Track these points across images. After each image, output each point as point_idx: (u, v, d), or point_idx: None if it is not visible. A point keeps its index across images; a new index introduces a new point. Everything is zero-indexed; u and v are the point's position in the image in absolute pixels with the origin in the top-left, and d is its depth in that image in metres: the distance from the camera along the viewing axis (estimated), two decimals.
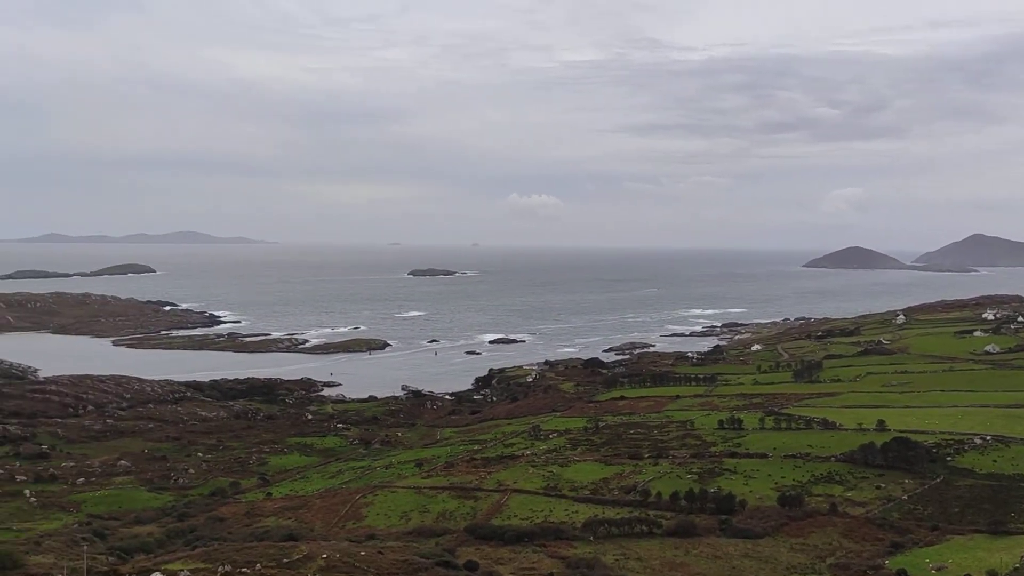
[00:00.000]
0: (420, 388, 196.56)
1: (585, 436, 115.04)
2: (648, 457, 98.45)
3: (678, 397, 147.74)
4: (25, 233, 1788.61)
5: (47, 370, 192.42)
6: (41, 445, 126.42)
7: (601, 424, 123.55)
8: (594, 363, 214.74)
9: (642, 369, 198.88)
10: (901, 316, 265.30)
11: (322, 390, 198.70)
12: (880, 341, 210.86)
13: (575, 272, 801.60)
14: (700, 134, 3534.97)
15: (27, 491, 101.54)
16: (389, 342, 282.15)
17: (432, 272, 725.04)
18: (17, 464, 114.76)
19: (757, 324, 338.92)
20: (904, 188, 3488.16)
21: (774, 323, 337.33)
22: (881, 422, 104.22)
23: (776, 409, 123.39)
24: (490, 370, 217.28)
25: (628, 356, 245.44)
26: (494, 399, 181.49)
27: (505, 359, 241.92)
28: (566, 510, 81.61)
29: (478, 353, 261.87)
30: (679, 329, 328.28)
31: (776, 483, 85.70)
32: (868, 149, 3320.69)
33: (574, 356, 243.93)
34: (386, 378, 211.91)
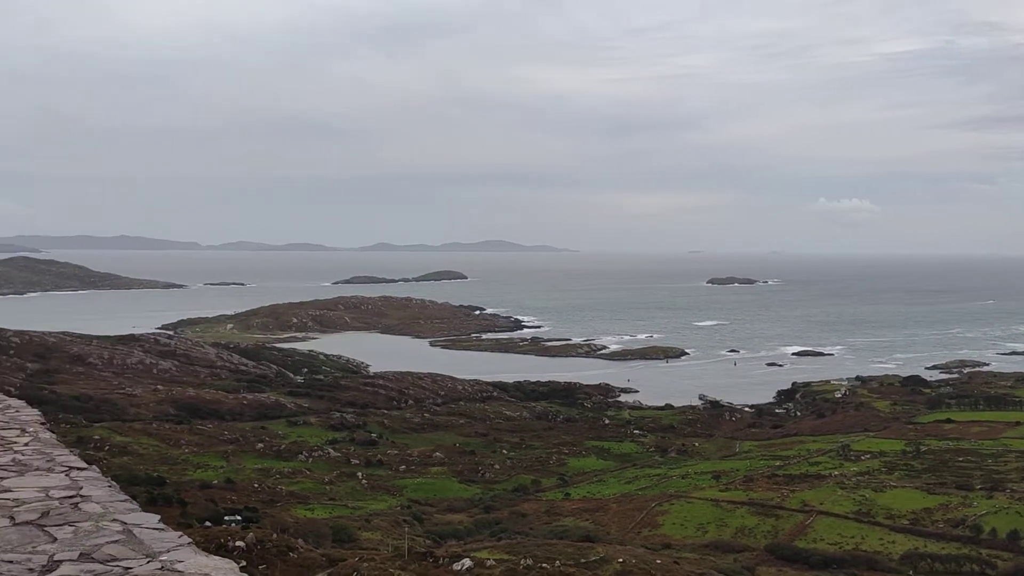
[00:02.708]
0: (718, 398, 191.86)
1: (903, 460, 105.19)
2: (980, 489, 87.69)
3: (1019, 424, 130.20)
4: (359, 243, 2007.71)
5: (376, 366, 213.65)
6: (371, 433, 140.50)
7: (923, 448, 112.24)
8: (914, 381, 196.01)
9: (974, 390, 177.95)
10: None
11: (619, 396, 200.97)
12: None
13: (890, 281, 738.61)
14: None
15: (359, 473, 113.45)
16: (686, 350, 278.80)
17: (731, 280, 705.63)
18: (352, 449, 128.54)
19: None
20: None
21: None
22: None
23: None
24: (793, 383, 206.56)
25: (956, 375, 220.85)
26: (798, 414, 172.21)
27: (810, 372, 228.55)
28: (880, 539, 75.07)
29: (780, 365, 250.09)
30: (1020, 347, 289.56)
31: None
32: None
33: (890, 372, 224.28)
34: (683, 387, 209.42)
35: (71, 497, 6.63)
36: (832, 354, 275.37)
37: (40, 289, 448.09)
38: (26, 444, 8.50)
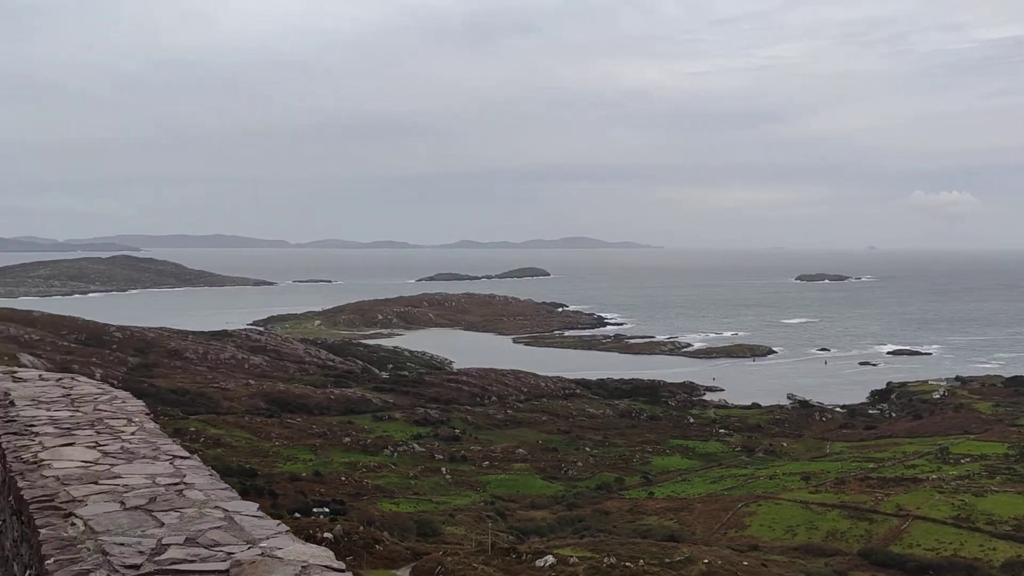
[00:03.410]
0: (807, 398, 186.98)
1: (1006, 464, 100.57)
2: None
3: None
4: (443, 240, 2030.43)
5: (459, 362, 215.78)
6: (454, 429, 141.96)
7: None
8: (1018, 381, 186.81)
9: None
10: None
11: (704, 394, 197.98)
12: None
13: (992, 278, 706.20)
14: None
15: (443, 468, 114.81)
16: (774, 349, 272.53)
17: (821, 277, 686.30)
18: (436, 444, 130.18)
19: None
20: None
21: None
22: None
23: None
24: (888, 383, 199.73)
25: None
26: (892, 415, 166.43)
27: (906, 372, 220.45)
28: (981, 546, 71.95)
29: (873, 364, 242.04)
30: None
31: None
32: None
33: (992, 373, 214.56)
34: (770, 386, 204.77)
35: (176, 484, 6.86)
36: (930, 353, 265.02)
37: (140, 286, 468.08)
38: (132, 433, 8.84)
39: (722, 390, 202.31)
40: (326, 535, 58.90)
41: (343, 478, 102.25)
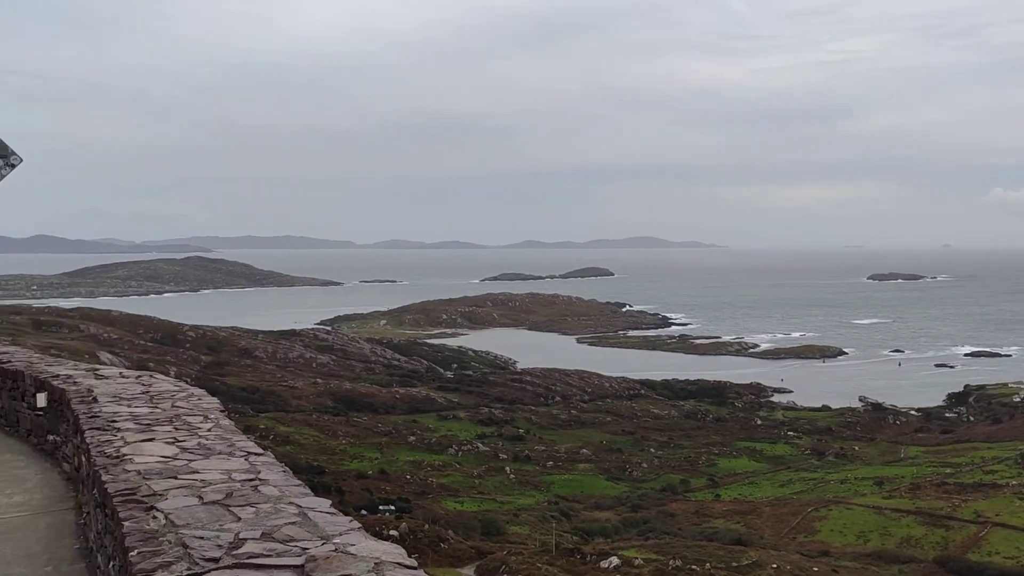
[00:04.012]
0: (880, 400, 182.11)
1: None
2: None
3: None
4: (506, 240, 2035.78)
5: (523, 362, 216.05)
6: (518, 429, 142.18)
7: None
8: None
9: None
10: None
11: (772, 396, 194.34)
12: None
13: None
14: None
15: (507, 468, 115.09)
16: (844, 350, 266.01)
17: (894, 276, 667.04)
18: (500, 444, 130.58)
19: None
20: None
21: None
22: None
23: None
24: (966, 386, 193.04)
25: None
26: (971, 418, 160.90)
27: (985, 375, 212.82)
28: None
29: (950, 367, 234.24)
30: None
31: None
32: None
33: None
34: (841, 387, 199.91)
35: (251, 480, 6.99)
36: (1010, 355, 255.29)
37: (212, 287, 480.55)
38: (209, 430, 9.06)
39: (790, 392, 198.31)
40: (392, 533, 59.54)
41: (408, 476, 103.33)
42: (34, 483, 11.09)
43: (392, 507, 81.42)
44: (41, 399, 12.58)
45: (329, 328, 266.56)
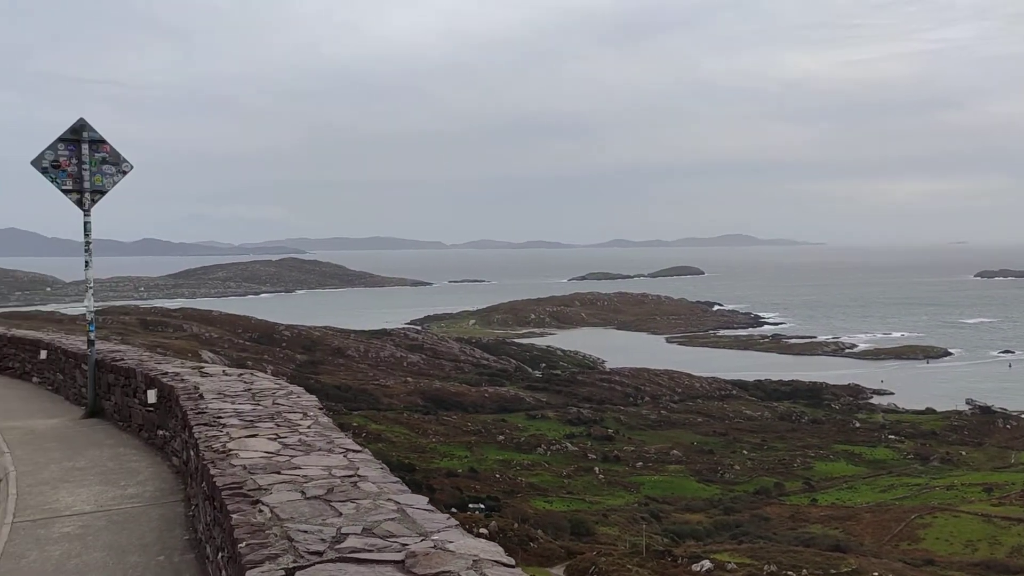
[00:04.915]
0: (989, 403, 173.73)
1: None
2: None
3: None
4: (594, 240, 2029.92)
5: (611, 362, 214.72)
6: (607, 429, 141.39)
7: None
8: None
9: None
10: None
11: (871, 398, 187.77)
12: None
13: None
14: None
15: (596, 468, 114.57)
16: (950, 350, 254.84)
17: (1004, 273, 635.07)
18: (588, 444, 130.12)
19: None
20: None
21: None
22: None
23: None
24: None
25: None
26: None
27: None
28: None
29: None
30: None
31: None
32: None
33: None
34: (946, 389, 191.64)
35: (350, 476, 7.14)
36: None
37: (306, 287, 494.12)
38: (308, 427, 9.29)
39: (891, 393, 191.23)
40: (482, 531, 60.02)
41: (497, 475, 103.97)
42: (146, 476, 11.60)
43: (481, 505, 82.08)
44: (151, 395, 13.15)
45: (419, 328, 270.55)
